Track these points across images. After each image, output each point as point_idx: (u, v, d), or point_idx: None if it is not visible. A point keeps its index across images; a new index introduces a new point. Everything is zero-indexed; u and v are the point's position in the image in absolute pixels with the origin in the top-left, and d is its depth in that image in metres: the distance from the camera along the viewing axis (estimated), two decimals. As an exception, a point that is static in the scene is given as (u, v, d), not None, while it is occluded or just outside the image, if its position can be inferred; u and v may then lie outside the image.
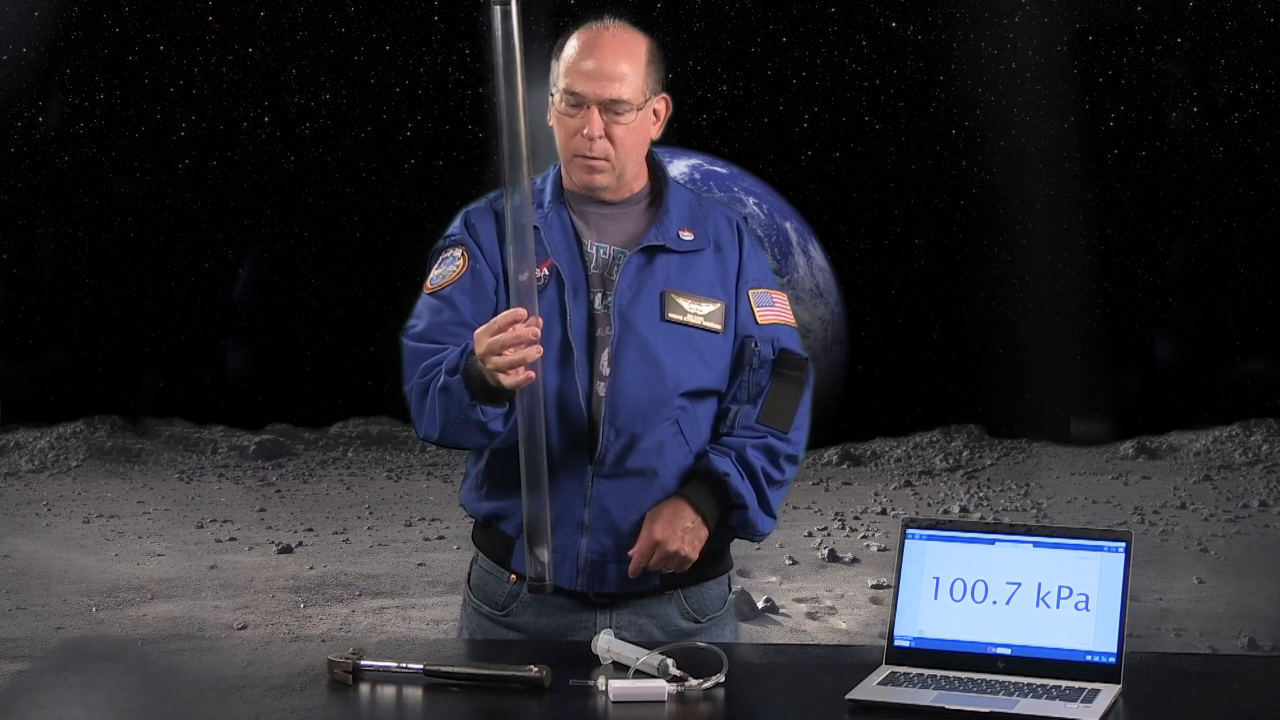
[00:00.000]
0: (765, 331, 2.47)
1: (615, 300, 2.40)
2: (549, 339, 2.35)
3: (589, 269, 2.42)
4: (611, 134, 2.38)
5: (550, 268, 2.40)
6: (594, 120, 2.37)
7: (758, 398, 2.45)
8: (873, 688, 2.03)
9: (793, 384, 2.47)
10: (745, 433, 2.44)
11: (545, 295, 2.38)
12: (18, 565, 9.54)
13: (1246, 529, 11.92)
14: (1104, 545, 2.11)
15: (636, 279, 2.41)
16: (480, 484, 2.48)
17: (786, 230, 16.48)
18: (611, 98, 2.36)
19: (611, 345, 2.38)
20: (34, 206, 18.33)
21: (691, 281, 2.44)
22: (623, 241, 2.45)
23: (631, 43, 2.41)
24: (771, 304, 2.50)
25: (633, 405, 2.38)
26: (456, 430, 2.31)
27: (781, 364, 2.47)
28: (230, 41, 18.16)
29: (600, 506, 2.39)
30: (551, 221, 2.43)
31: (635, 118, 2.39)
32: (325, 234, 18.96)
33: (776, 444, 2.44)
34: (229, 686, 2.04)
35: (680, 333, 2.41)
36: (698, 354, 2.42)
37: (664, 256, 2.44)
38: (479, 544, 2.52)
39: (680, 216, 2.47)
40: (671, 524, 2.36)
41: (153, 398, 18.87)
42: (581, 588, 2.41)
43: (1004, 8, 17.19)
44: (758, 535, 2.46)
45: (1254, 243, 18.20)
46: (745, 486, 2.41)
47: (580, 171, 2.42)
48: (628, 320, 2.39)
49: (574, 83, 2.37)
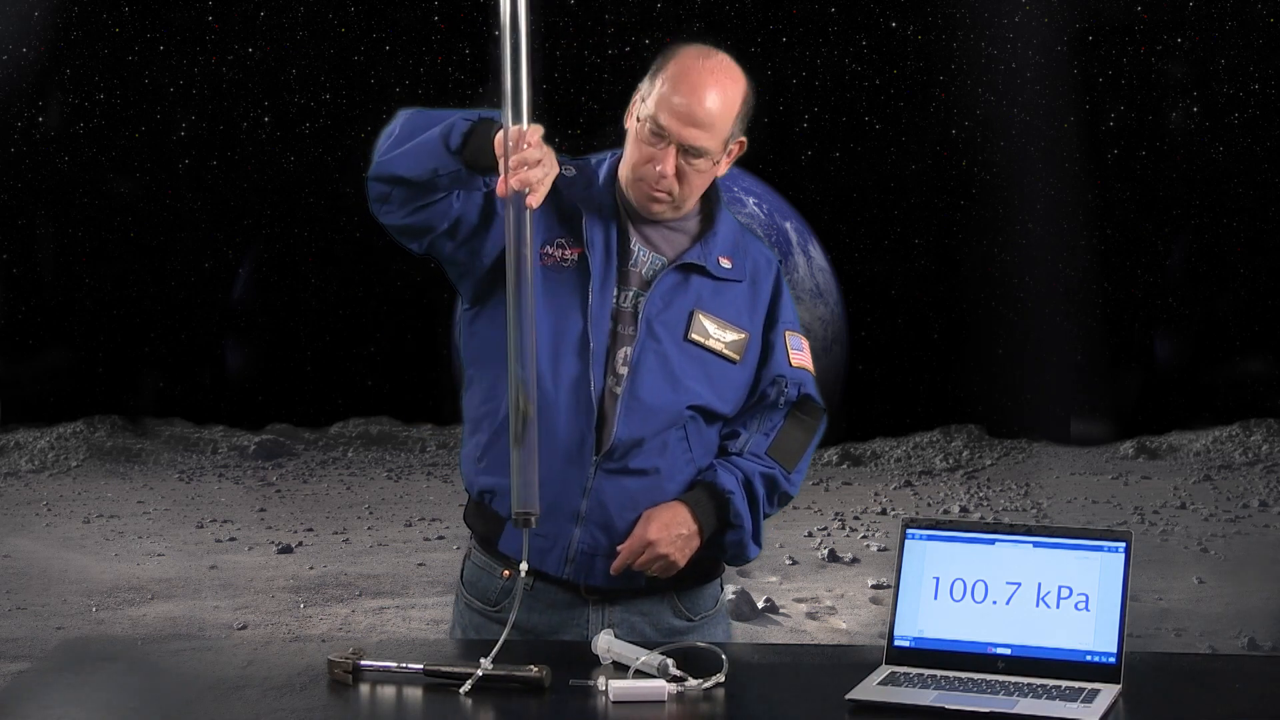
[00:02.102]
0: (795, 375, 2.49)
1: (645, 307, 2.40)
2: (569, 326, 2.36)
3: (628, 266, 2.42)
4: (682, 175, 2.37)
5: (579, 255, 2.40)
6: (669, 160, 2.35)
7: (770, 432, 2.47)
8: (873, 688, 2.03)
9: (806, 429, 2.50)
10: (754, 459, 2.46)
11: (565, 280, 2.38)
12: (18, 565, 9.54)
13: (1246, 529, 11.93)
14: (1104, 545, 2.11)
15: (670, 293, 2.42)
16: (479, 457, 2.47)
17: (786, 230, 16.49)
18: (693, 145, 2.35)
19: (634, 348, 2.39)
20: (34, 206, 18.36)
21: (722, 307, 2.45)
22: (666, 252, 2.45)
23: (731, 88, 2.36)
24: (801, 349, 2.53)
25: (646, 409, 2.38)
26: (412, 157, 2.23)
27: (800, 408, 2.50)
28: (230, 41, 18.19)
29: (598, 500, 2.39)
30: (593, 210, 2.43)
31: (710, 166, 2.39)
32: (325, 234, 19.00)
33: (780, 479, 2.46)
34: (229, 686, 2.04)
35: (698, 355, 2.42)
36: (710, 380, 2.43)
37: (700, 277, 2.44)
38: (471, 524, 2.51)
39: (725, 243, 2.48)
40: (668, 527, 2.36)
41: (153, 398, 18.89)
42: (569, 577, 2.40)
43: (1004, 8, 17.20)
44: (742, 560, 2.47)
45: (1254, 243, 18.23)
46: (746, 509, 2.42)
47: (641, 197, 2.41)
48: (653, 330, 2.40)
49: (661, 116, 2.34)
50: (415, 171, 2.26)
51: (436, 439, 18.81)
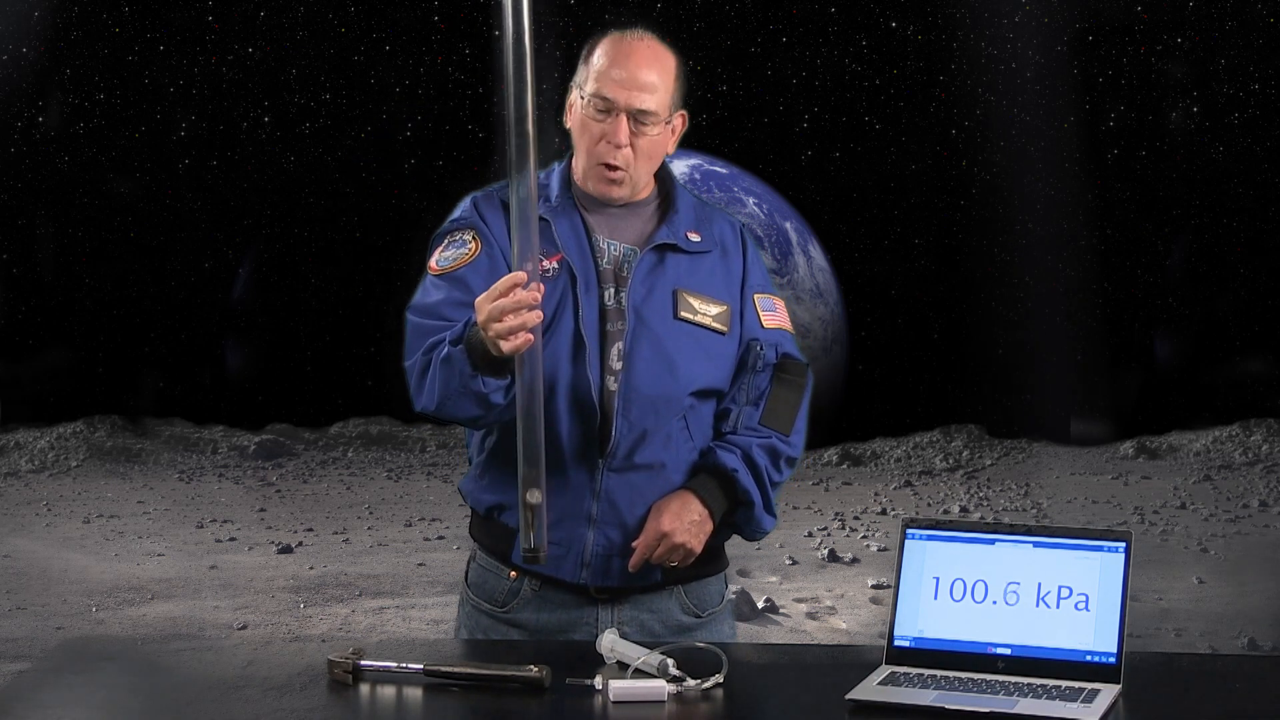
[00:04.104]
0: (769, 335, 2.50)
1: (629, 296, 2.41)
2: (560, 332, 2.37)
3: (600, 264, 2.43)
4: (635, 144, 2.41)
5: (560, 261, 2.41)
6: (621, 127, 2.40)
7: (759, 400, 2.48)
8: (873, 688, 2.03)
9: (794, 388, 2.50)
10: (749, 433, 2.46)
11: (555, 287, 2.39)
12: (18, 565, 9.54)
13: (1246, 529, 11.93)
14: (1104, 545, 2.11)
15: (650, 276, 2.44)
16: (482, 474, 2.47)
17: (786, 230, 16.48)
18: (640, 108, 2.40)
19: (625, 340, 2.40)
20: (34, 206, 18.35)
21: (700, 282, 2.47)
22: (633, 240, 2.47)
23: (663, 57, 2.44)
24: (774, 309, 2.54)
25: (645, 400, 2.39)
26: (455, 402, 2.30)
27: (783, 368, 2.50)
28: (230, 41, 18.17)
29: (609, 500, 2.39)
30: (561, 216, 2.45)
31: (659, 130, 2.43)
32: (325, 234, 18.99)
33: (779, 445, 2.47)
34: (229, 686, 2.04)
35: (691, 331, 2.43)
36: (706, 353, 2.44)
37: (674, 256, 2.46)
38: (477, 538, 2.51)
39: (687, 218, 2.51)
40: (679, 516, 2.37)
41: (153, 398, 18.88)
42: (585, 581, 2.41)
43: (1004, 8, 17.20)
44: (759, 533, 2.48)
45: (1254, 243, 18.21)
46: (752, 484, 2.43)
47: (599, 182, 2.44)
48: (642, 316, 2.41)
49: (605, 88, 2.39)
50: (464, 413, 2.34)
51: (436, 439, 18.80)
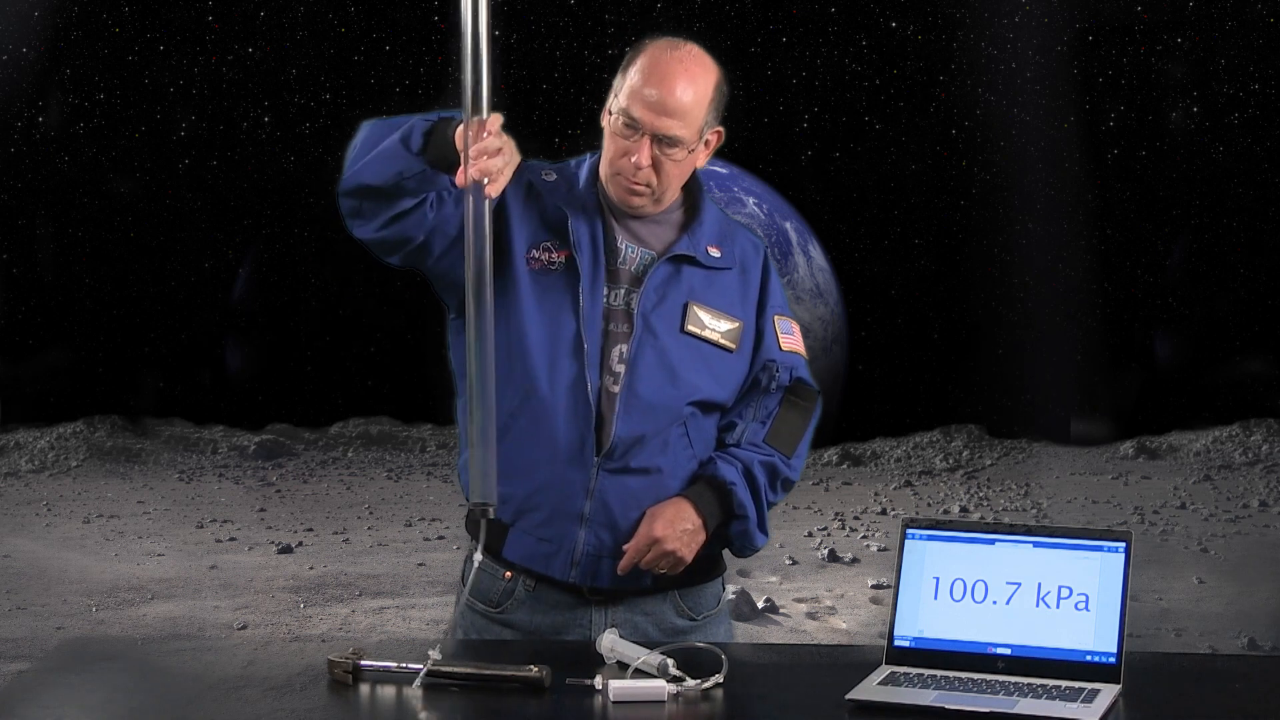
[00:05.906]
0: (786, 359, 2.49)
1: (640, 303, 2.40)
2: (560, 328, 2.37)
3: (615, 264, 2.42)
4: (659, 165, 2.37)
5: (566, 257, 2.40)
6: (644, 151, 2.35)
7: (767, 419, 2.47)
8: (873, 688, 2.03)
9: (802, 413, 2.50)
10: (752, 449, 2.46)
11: (554, 284, 2.39)
12: (18, 565, 9.55)
13: (1246, 529, 11.93)
14: (1104, 545, 2.11)
15: (663, 286, 2.42)
16: None
17: (786, 230, 16.48)
18: (667, 134, 2.35)
19: (630, 345, 2.39)
20: (34, 206, 18.36)
21: (714, 297, 2.45)
22: (653, 246, 2.45)
23: (701, 77, 2.37)
24: (791, 332, 2.53)
25: (645, 404, 2.38)
26: (374, 163, 2.23)
27: (794, 392, 2.50)
28: (230, 41, 18.19)
29: (602, 501, 2.38)
30: (580, 212, 2.42)
31: (685, 156, 2.39)
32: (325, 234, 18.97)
33: (780, 466, 2.46)
34: (229, 686, 2.04)
35: (695, 346, 2.42)
36: (710, 369, 2.43)
37: (691, 268, 2.45)
38: (472, 531, 2.51)
39: (711, 232, 2.48)
40: (673, 523, 2.36)
41: (153, 398, 18.89)
42: (575, 580, 2.40)
43: (1004, 8, 17.20)
44: (750, 549, 2.47)
45: (1254, 243, 18.23)
46: (749, 498, 2.42)
47: (619, 191, 2.41)
48: (649, 325, 2.40)
49: (634, 108, 2.35)
50: (381, 178, 2.26)
51: (436, 439, 18.81)
